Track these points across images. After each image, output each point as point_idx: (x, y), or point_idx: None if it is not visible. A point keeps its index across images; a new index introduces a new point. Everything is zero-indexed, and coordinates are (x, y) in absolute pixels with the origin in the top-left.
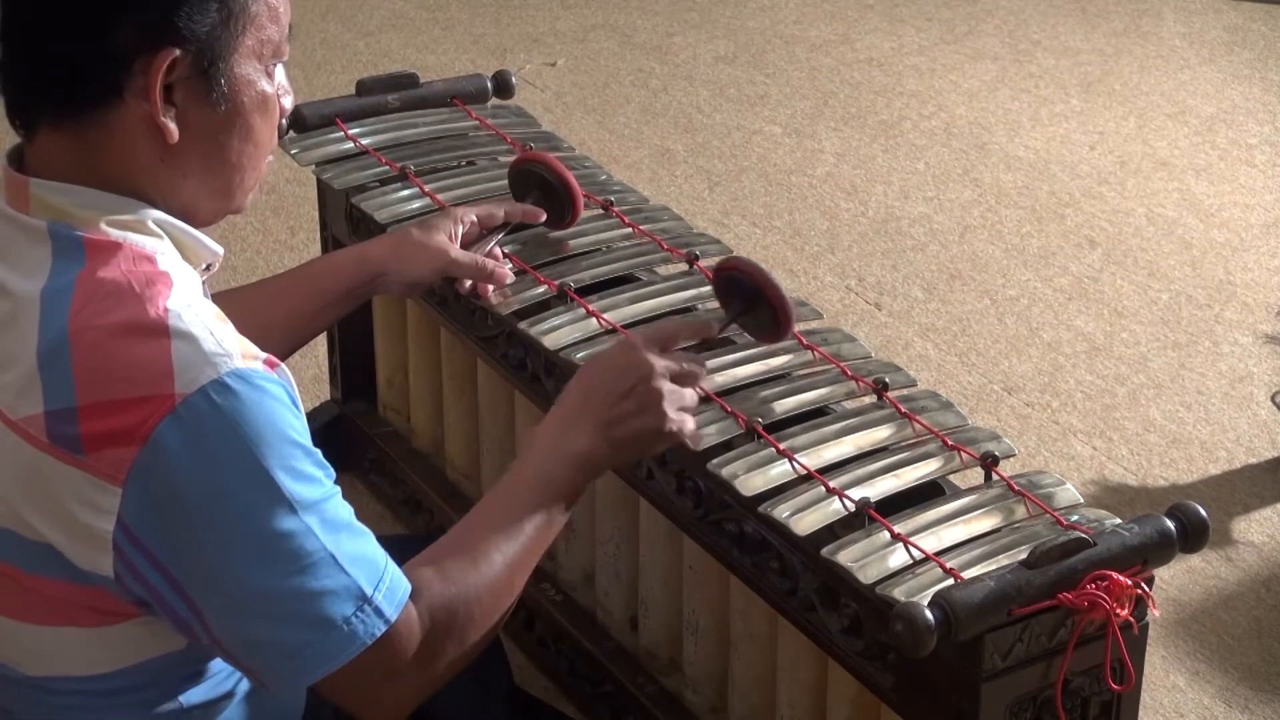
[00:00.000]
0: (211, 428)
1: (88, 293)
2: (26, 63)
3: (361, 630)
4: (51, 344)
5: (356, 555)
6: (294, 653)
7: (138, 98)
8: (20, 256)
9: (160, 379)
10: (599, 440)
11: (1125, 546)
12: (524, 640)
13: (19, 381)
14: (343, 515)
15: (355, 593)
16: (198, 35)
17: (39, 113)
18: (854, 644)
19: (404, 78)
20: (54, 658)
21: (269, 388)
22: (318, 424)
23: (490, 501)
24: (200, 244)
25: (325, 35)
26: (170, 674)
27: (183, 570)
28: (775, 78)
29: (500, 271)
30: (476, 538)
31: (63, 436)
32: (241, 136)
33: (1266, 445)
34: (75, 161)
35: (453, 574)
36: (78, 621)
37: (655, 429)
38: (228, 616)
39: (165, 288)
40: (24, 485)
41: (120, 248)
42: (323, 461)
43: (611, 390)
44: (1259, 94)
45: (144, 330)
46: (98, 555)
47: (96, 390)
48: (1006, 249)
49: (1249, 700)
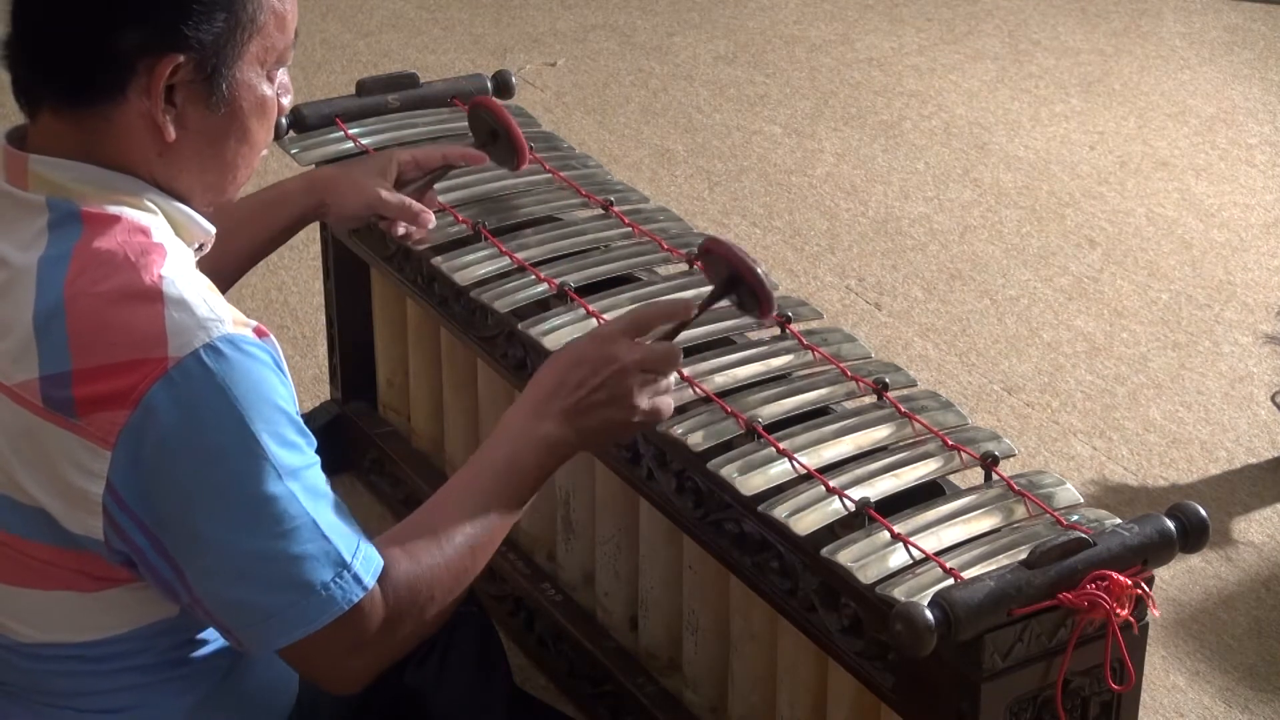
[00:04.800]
0: (202, 391)
1: (84, 261)
2: (33, 50)
3: (339, 596)
4: (47, 310)
5: (335, 523)
6: (273, 614)
7: (139, 95)
8: (18, 230)
9: (153, 343)
10: (567, 428)
11: (1125, 546)
12: (524, 640)
13: (15, 348)
14: (322, 484)
15: (335, 559)
16: (203, 43)
17: (42, 96)
18: (854, 644)
19: (404, 78)
20: (48, 624)
21: (258, 354)
22: (318, 424)
23: (457, 483)
24: (194, 222)
25: (325, 35)
26: (163, 640)
27: (167, 530)
28: (775, 78)
29: (425, 215)
30: (442, 519)
31: (57, 400)
32: (238, 138)
33: (1266, 445)
34: (75, 145)
35: (417, 554)
36: (71, 586)
37: (623, 420)
38: (210, 577)
39: (159, 257)
40: (19, 450)
41: (118, 220)
42: (305, 430)
43: (583, 380)
44: (1259, 94)
45: (138, 295)
46: (88, 519)
47: (90, 355)
48: (1006, 249)
49: (1249, 700)
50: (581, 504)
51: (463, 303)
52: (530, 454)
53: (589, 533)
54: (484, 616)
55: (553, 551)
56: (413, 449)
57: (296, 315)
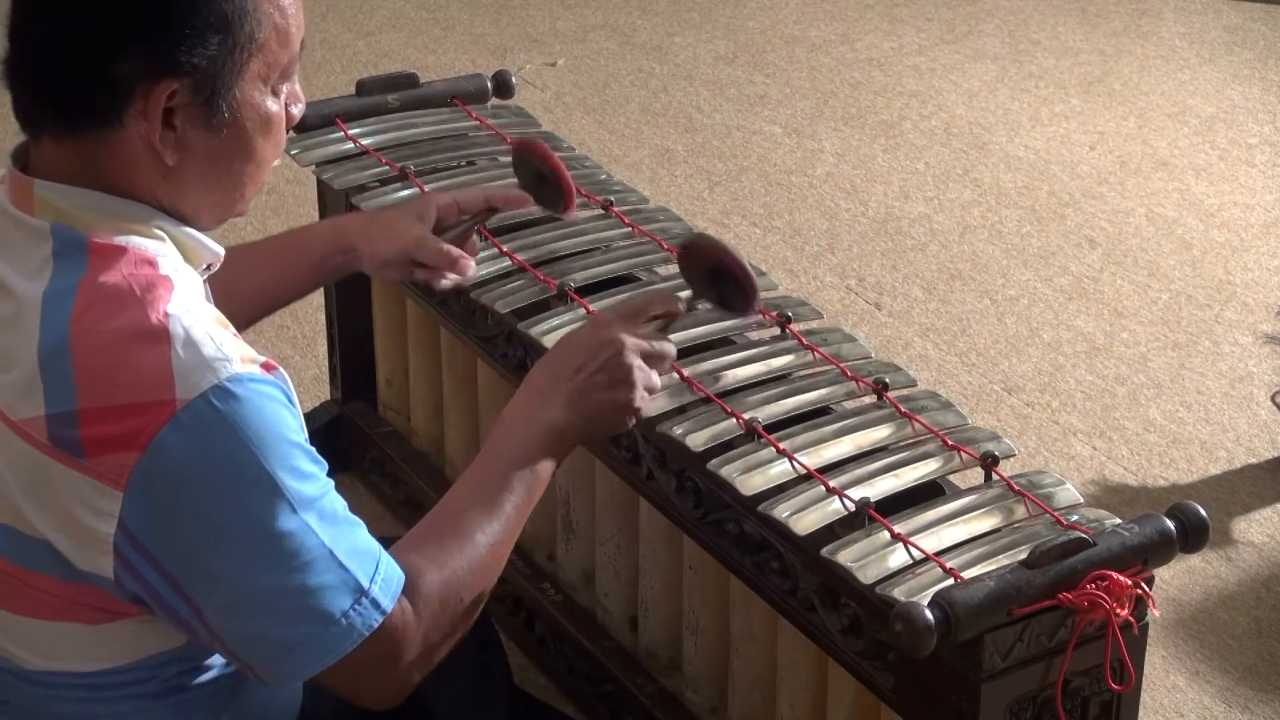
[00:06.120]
0: (213, 433)
1: (89, 297)
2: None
3: (359, 623)
4: (52, 347)
5: (353, 549)
6: (293, 647)
7: (137, 120)
8: (23, 257)
9: (161, 385)
10: (571, 412)
11: (1125, 546)
12: (524, 640)
13: (20, 383)
14: (339, 509)
15: (353, 586)
16: (199, 67)
17: (41, 121)
18: (854, 644)
19: (404, 78)
20: (53, 653)
21: (267, 390)
22: (318, 424)
23: (468, 480)
24: (201, 245)
25: (325, 35)
26: (169, 669)
27: (183, 571)
28: (775, 78)
29: (464, 262)
30: (458, 519)
31: (64, 440)
32: (243, 158)
33: (1266, 445)
34: (77, 170)
35: (440, 559)
36: (77, 618)
37: (625, 402)
38: (228, 614)
39: (166, 291)
40: (26, 485)
41: (124, 252)
42: (318, 457)
43: (584, 364)
44: (1259, 94)
45: (145, 336)
46: (98, 557)
47: (97, 395)
48: (1006, 249)
49: (1249, 700)
50: (581, 504)
51: (463, 303)
52: (537, 443)
53: (589, 533)
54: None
55: (553, 551)
56: (413, 449)
57: (296, 315)
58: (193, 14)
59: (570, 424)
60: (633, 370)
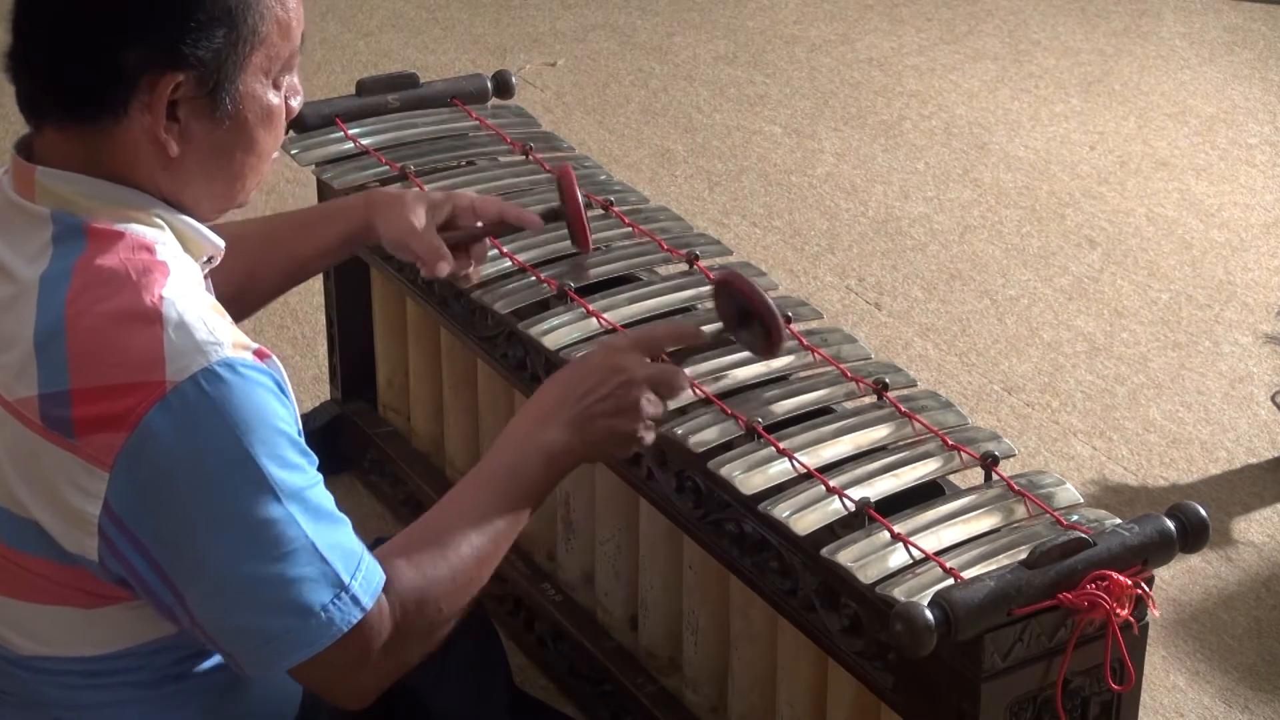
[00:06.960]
0: (200, 415)
1: (85, 279)
2: (35, 65)
3: (339, 617)
4: (48, 328)
5: (336, 544)
6: (272, 638)
7: (142, 112)
8: (24, 241)
9: (151, 366)
10: (573, 436)
11: (1125, 546)
12: (524, 640)
13: (16, 363)
14: (324, 503)
15: (333, 580)
16: (203, 60)
17: (46, 110)
18: (854, 644)
19: (404, 78)
20: (46, 637)
21: (258, 377)
22: (317, 424)
23: (461, 491)
24: (202, 236)
25: (325, 35)
26: (162, 657)
27: (166, 555)
28: (775, 78)
29: (442, 264)
30: (447, 529)
31: (56, 420)
32: (244, 149)
33: (1266, 445)
34: (80, 159)
35: (423, 565)
36: (69, 602)
37: (629, 432)
38: (209, 601)
39: (162, 276)
40: (18, 465)
41: (122, 236)
42: (307, 450)
43: (591, 389)
44: (1259, 94)
45: (137, 317)
46: (84, 538)
47: (89, 375)
48: (1006, 249)
49: (1249, 700)
50: (581, 504)
51: (463, 303)
52: (534, 463)
53: (589, 533)
54: (484, 616)
55: (553, 551)
56: (413, 449)
57: (296, 315)
58: (198, 7)
59: (570, 447)
60: (639, 401)
